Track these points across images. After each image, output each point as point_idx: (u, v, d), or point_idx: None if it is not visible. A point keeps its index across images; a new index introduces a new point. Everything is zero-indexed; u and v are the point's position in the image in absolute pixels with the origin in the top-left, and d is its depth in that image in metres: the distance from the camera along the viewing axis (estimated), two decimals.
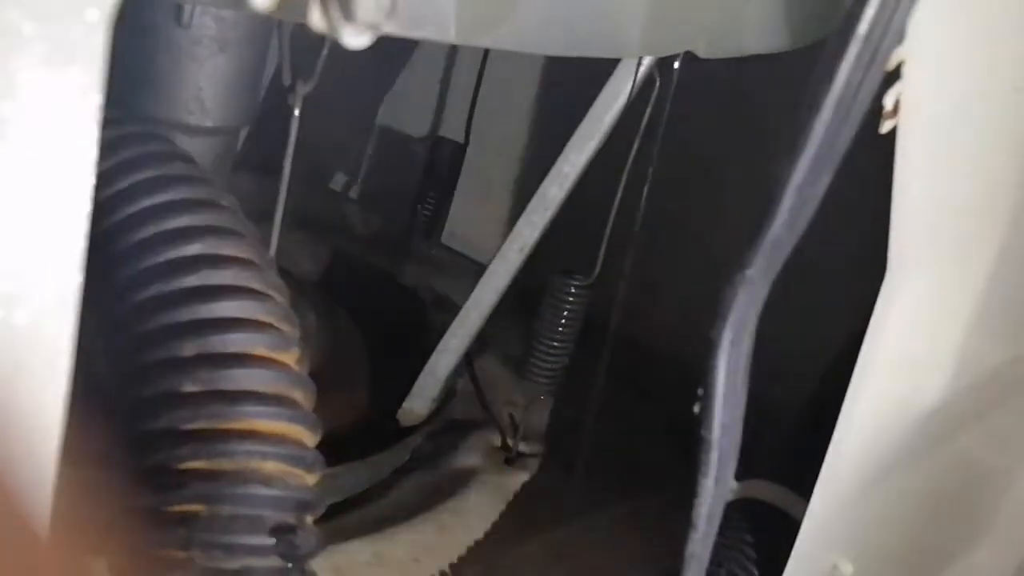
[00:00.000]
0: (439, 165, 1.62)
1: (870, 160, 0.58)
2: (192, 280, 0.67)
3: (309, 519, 0.68)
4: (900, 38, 0.43)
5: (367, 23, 0.37)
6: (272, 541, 0.65)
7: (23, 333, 0.35)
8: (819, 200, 0.47)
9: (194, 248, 0.68)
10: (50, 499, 0.39)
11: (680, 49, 0.83)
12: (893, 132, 0.70)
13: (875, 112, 0.57)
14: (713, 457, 0.53)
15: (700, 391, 0.51)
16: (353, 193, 1.75)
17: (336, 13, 0.37)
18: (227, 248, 0.70)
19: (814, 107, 0.43)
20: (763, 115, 1.31)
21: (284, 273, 0.76)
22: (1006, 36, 0.73)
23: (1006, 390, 0.97)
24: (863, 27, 0.41)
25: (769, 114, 1.30)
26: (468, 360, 1.28)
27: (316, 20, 0.38)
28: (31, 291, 0.35)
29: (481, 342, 1.28)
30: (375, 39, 0.39)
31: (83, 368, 0.39)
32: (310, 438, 0.69)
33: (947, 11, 0.63)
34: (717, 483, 0.54)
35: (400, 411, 1.23)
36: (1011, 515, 1.05)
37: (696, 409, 0.52)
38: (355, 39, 0.38)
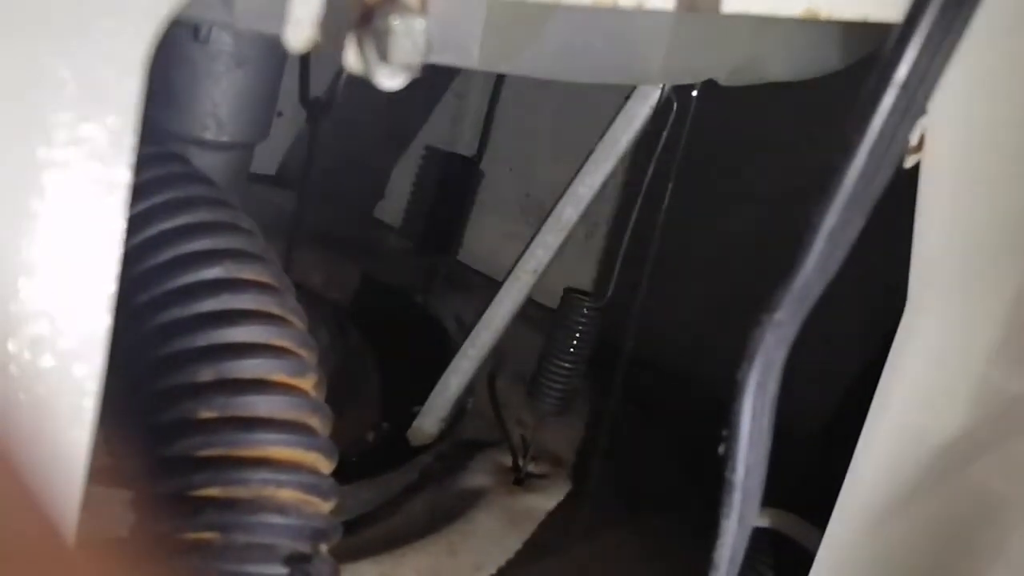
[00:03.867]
0: (454, 181, 1.61)
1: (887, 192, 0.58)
2: (211, 304, 0.67)
3: (324, 548, 0.68)
4: (936, 86, 0.42)
5: (403, 64, 0.37)
6: (286, 570, 0.64)
7: (50, 376, 0.35)
8: (850, 244, 0.46)
9: (213, 272, 0.68)
10: (73, 538, 0.38)
11: (701, 78, 0.83)
12: (915, 166, 0.70)
13: None
14: (736, 498, 0.52)
15: (724, 432, 0.51)
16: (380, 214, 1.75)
17: (372, 54, 0.37)
18: (246, 272, 0.70)
19: (849, 153, 0.43)
20: (778, 135, 1.31)
21: (297, 287, 0.75)
22: None
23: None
24: (901, 75, 0.41)
25: (784, 134, 1.30)
26: (490, 381, 1.28)
27: (352, 61, 0.37)
28: (59, 335, 0.35)
29: (496, 363, 1.28)
30: (410, 80, 0.38)
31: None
32: (326, 465, 0.69)
33: (971, 47, 0.63)
34: (740, 524, 0.53)
35: (410, 430, 1.22)
36: (1022, 545, 1.04)
37: (720, 450, 0.51)
38: (390, 80, 0.38)
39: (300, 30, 0.35)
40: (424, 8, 0.37)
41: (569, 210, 1.13)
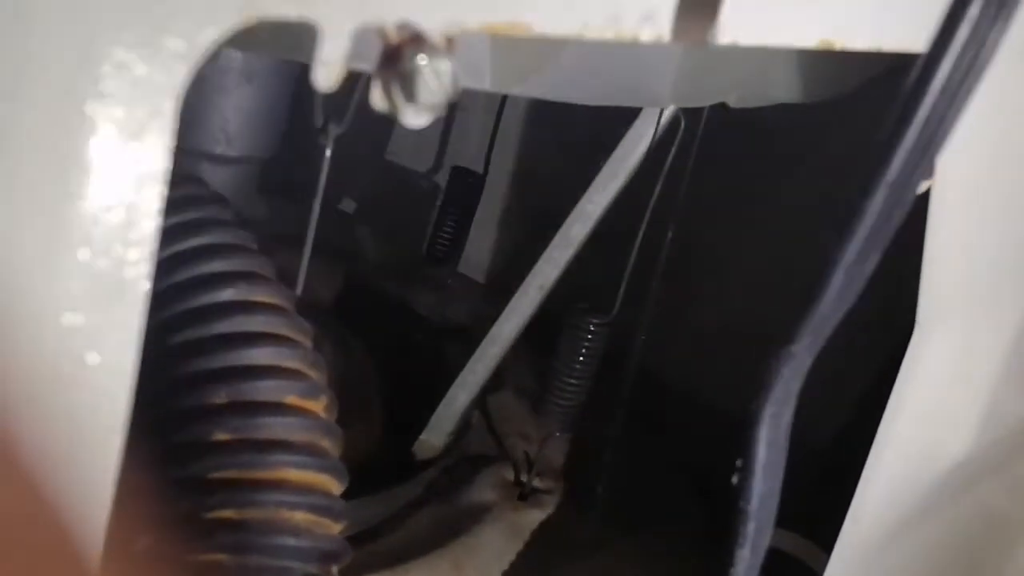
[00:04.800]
0: (457, 194, 1.62)
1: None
2: (225, 326, 0.67)
3: (335, 569, 0.68)
4: (957, 122, 0.43)
5: (429, 105, 0.37)
6: None
7: (77, 414, 0.35)
8: (867, 277, 0.47)
9: (227, 294, 0.68)
10: (103, 536, 0.39)
11: (711, 101, 0.83)
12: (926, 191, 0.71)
13: None
14: (750, 528, 0.52)
15: (739, 462, 0.51)
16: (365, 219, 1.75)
17: (398, 95, 0.37)
18: (259, 294, 0.70)
19: (868, 189, 0.43)
20: (784, 153, 1.32)
21: (299, 301, 0.76)
22: None
23: None
24: (923, 111, 0.41)
25: (790, 152, 1.31)
26: (482, 395, 1.28)
27: (378, 100, 0.38)
28: (86, 372, 0.35)
29: (497, 377, 1.28)
30: (435, 118, 0.39)
31: None
32: (337, 487, 0.69)
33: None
34: (752, 553, 0.54)
35: (416, 444, 1.22)
36: None
37: (734, 480, 0.51)
38: (416, 119, 0.38)
39: (329, 70, 0.36)
40: (451, 48, 0.37)
41: (577, 227, 1.14)
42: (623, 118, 1.11)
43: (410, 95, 0.37)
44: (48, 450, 0.35)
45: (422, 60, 0.37)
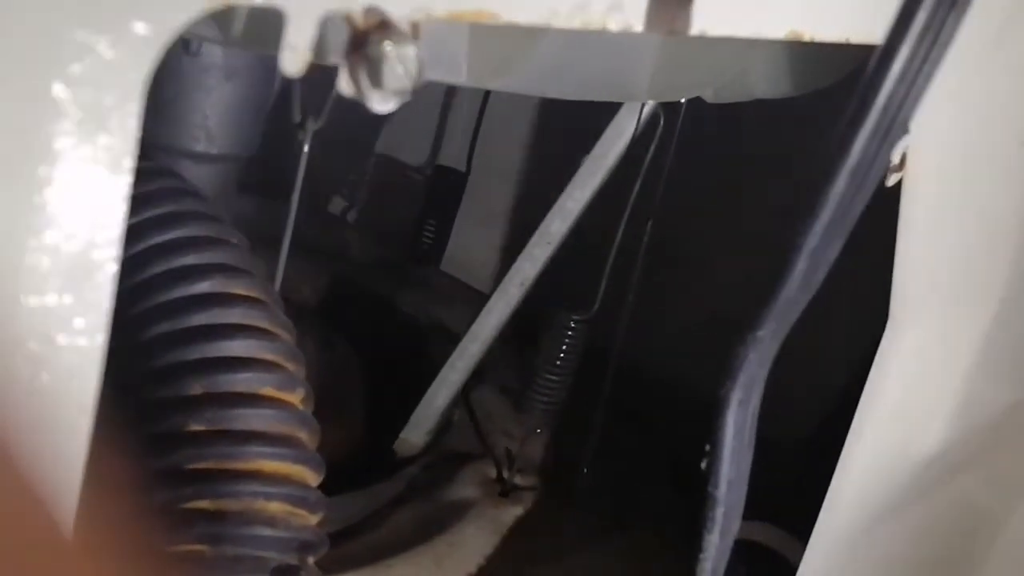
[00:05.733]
0: (440, 192, 1.62)
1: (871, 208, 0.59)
2: (201, 318, 0.68)
3: (311, 559, 0.68)
4: (915, 109, 0.43)
5: (395, 90, 0.38)
6: None
7: (47, 393, 0.36)
8: (831, 263, 0.47)
9: (203, 286, 0.69)
10: (73, 515, 0.39)
11: (688, 95, 0.84)
12: (898, 184, 0.72)
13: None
14: (719, 513, 0.53)
15: (707, 447, 0.52)
16: (351, 218, 1.75)
17: (365, 80, 0.38)
18: (236, 286, 0.70)
19: (829, 175, 0.44)
20: (762, 149, 1.32)
21: (283, 299, 0.76)
22: (1011, 91, 0.74)
23: (1006, 434, 0.97)
24: (882, 98, 0.42)
25: (767, 149, 1.32)
26: (464, 392, 1.28)
27: (344, 85, 0.38)
28: (56, 352, 0.36)
29: (478, 374, 1.28)
30: (401, 103, 0.39)
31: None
32: (314, 478, 0.70)
33: (952, 66, 0.64)
34: (722, 538, 0.54)
35: (397, 442, 1.23)
36: (1004, 555, 1.06)
37: (703, 465, 0.52)
38: (382, 105, 0.39)
39: (296, 56, 0.36)
40: (416, 34, 0.38)
41: (557, 224, 1.14)
42: (603, 114, 1.12)
43: (376, 81, 0.38)
44: (18, 429, 0.35)
45: (388, 46, 0.37)
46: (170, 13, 0.34)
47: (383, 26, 0.38)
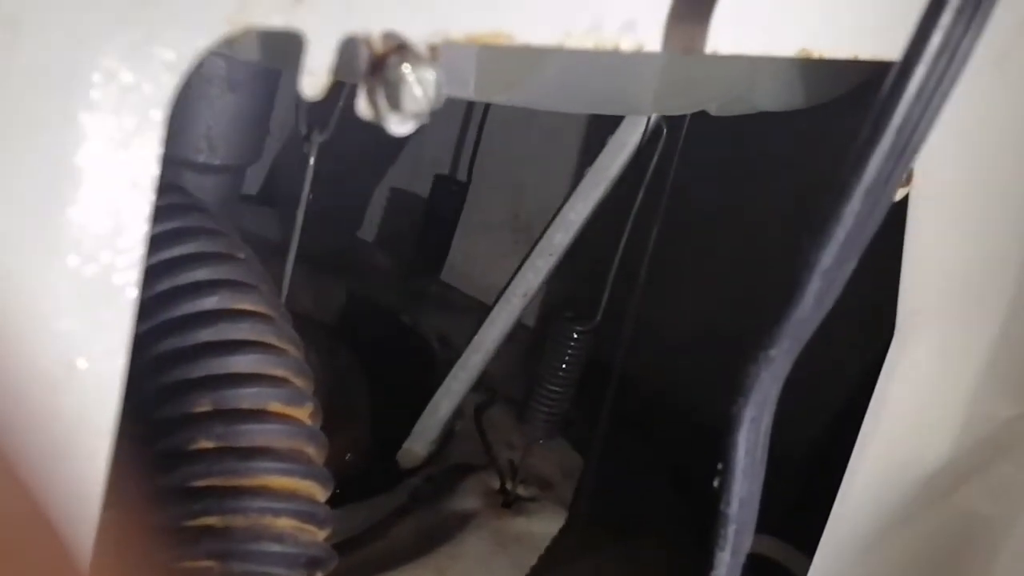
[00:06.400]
0: (441, 202, 1.62)
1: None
2: (209, 334, 0.67)
3: (319, 575, 0.68)
4: (932, 127, 0.43)
5: (413, 113, 0.38)
6: None
7: (66, 418, 0.36)
8: (844, 282, 0.47)
9: (211, 302, 0.69)
10: (93, 539, 0.39)
11: (693, 109, 0.84)
12: (904, 198, 0.72)
13: None
14: (731, 531, 0.53)
15: (719, 466, 0.52)
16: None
17: (383, 103, 0.38)
18: (243, 301, 0.70)
19: (844, 195, 0.44)
20: (764, 161, 1.33)
21: (288, 310, 0.76)
22: (1016, 106, 0.74)
23: (1010, 445, 0.98)
24: (898, 117, 0.42)
25: (770, 161, 1.32)
26: (476, 409, 1.29)
27: (363, 108, 0.38)
28: (76, 376, 0.36)
29: (484, 388, 1.29)
30: (419, 126, 0.39)
31: None
32: (322, 493, 0.69)
33: (960, 82, 0.64)
34: (733, 556, 0.54)
35: (400, 452, 1.23)
36: (1008, 568, 1.06)
37: (715, 484, 0.52)
38: (400, 127, 0.39)
39: (315, 79, 0.36)
40: (435, 57, 0.38)
41: (560, 235, 1.14)
42: (606, 127, 1.12)
43: (395, 103, 0.38)
44: (37, 454, 0.35)
45: (407, 69, 0.37)
46: (192, 39, 0.34)
47: (401, 49, 0.38)
